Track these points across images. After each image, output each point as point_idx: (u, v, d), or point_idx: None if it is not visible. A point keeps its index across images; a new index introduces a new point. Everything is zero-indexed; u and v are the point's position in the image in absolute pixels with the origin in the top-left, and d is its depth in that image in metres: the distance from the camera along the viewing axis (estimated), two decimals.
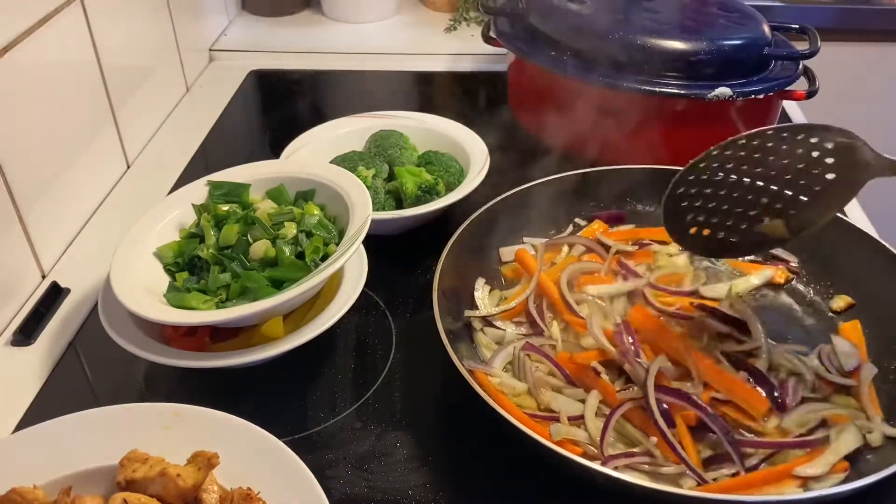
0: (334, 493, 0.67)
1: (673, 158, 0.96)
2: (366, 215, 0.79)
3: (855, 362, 0.77)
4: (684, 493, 0.62)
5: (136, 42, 1.16)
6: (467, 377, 0.68)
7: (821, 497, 0.63)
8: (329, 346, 0.84)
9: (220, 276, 0.77)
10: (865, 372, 0.76)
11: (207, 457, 0.59)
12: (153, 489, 0.58)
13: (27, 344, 0.83)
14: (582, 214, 0.97)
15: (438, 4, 1.65)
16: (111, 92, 1.06)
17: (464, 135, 1.05)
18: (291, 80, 1.41)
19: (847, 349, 0.79)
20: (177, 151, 1.18)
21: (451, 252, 0.82)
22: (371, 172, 0.97)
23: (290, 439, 0.72)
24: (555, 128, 1.14)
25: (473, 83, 1.42)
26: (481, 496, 0.69)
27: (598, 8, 1.07)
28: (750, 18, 1.08)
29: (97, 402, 0.73)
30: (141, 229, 0.81)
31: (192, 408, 0.65)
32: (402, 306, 0.89)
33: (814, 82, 1.06)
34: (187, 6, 1.34)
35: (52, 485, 0.59)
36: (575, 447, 0.69)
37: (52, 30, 0.91)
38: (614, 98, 1.01)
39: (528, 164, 1.06)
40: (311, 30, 1.59)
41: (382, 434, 0.74)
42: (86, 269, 0.92)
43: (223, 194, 0.85)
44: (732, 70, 1.01)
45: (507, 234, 0.92)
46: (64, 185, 0.95)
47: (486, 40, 1.18)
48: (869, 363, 0.77)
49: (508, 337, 0.81)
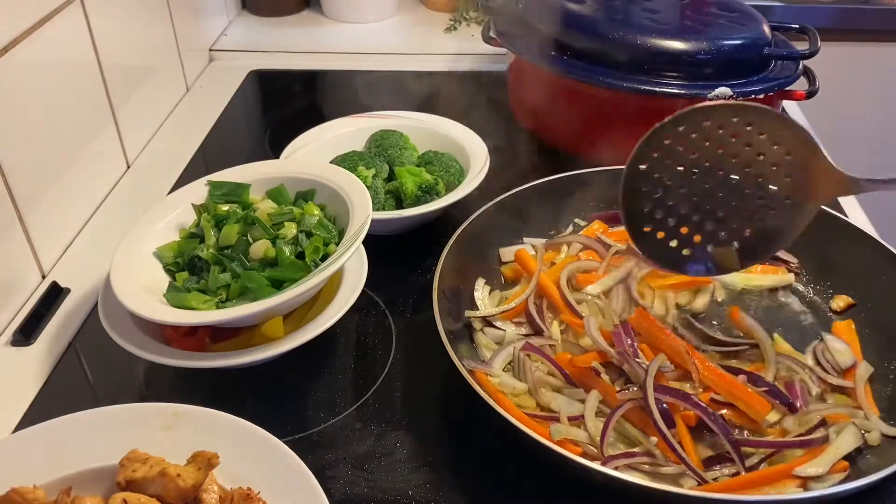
0: (334, 493, 0.67)
1: None
2: (366, 215, 0.79)
3: (849, 360, 0.78)
4: (684, 493, 0.62)
5: (136, 42, 1.16)
6: (467, 377, 0.68)
7: (821, 497, 0.63)
8: (329, 346, 0.84)
9: (220, 276, 0.77)
10: (860, 371, 0.76)
11: (207, 457, 0.59)
12: (153, 489, 0.58)
13: (27, 344, 0.83)
14: (582, 214, 0.97)
15: (438, 4, 1.65)
16: (111, 92, 1.06)
17: (464, 135, 1.05)
18: (291, 80, 1.41)
19: (839, 347, 0.79)
20: (177, 151, 1.18)
21: (451, 252, 0.82)
22: (371, 172, 0.97)
23: (290, 439, 0.72)
24: (554, 128, 1.14)
25: (473, 83, 1.41)
26: (481, 496, 0.69)
27: (598, 8, 1.07)
28: (750, 18, 1.08)
29: (97, 402, 0.73)
30: (141, 229, 0.81)
31: (192, 408, 0.65)
32: (402, 306, 0.89)
33: (814, 82, 1.06)
34: (187, 6, 1.34)
35: (52, 485, 0.59)
36: (575, 447, 0.69)
37: (52, 30, 0.91)
38: (614, 98, 1.01)
39: (528, 164, 1.06)
40: (311, 30, 1.59)
41: (382, 434, 0.74)
42: (86, 269, 0.92)
43: (223, 194, 0.85)
44: (732, 70, 1.01)
45: (507, 235, 0.92)
46: (64, 185, 0.95)
47: (486, 40, 1.18)
48: (864, 362, 0.77)
49: (508, 337, 0.81)
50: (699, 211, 0.73)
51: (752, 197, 0.72)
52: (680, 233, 0.74)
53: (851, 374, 0.77)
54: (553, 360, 0.77)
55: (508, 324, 0.83)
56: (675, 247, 0.74)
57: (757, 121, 0.69)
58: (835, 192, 0.71)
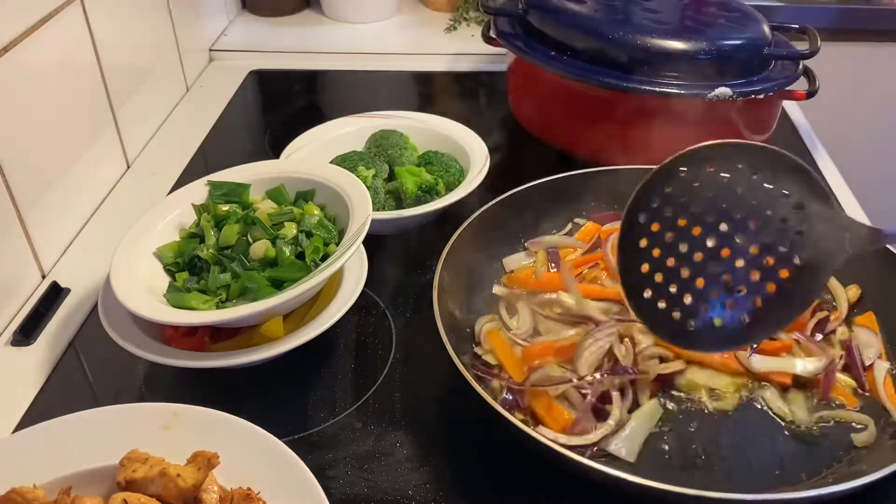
0: (334, 493, 0.67)
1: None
2: (366, 215, 0.79)
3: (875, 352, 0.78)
4: (684, 492, 0.62)
5: (136, 42, 1.16)
6: (467, 377, 0.68)
7: (820, 497, 0.63)
8: (329, 346, 0.84)
9: (220, 276, 0.77)
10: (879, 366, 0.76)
11: (207, 457, 0.59)
12: (153, 489, 0.58)
13: (27, 344, 0.83)
14: (582, 214, 0.97)
15: (438, 4, 1.65)
16: (111, 92, 1.06)
17: (464, 135, 1.05)
18: (291, 80, 1.41)
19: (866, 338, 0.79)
20: (177, 151, 1.18)
21: (451, 252, 0.82)
22: (371, 172, 0.97)
23: (290, 439, 0.72)
24: (554, 128, 1.14)
25: (473, 83, 1.41)
26: (481, 496, 0.69)
27: (598, 8, 1.07)
28: (750, 18, 1.08)
29: (97, 402, 0.73)
30: (141, 229, 0.81)
31: (192, 408, 0.65)
32: (402, 306, 0.89)
33: (814, 82, 1.06)
34: (187, 6, 1.34)
35: (52, 485, 0.59)
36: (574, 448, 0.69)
37: (52, 30, 0.91)
38: (614, 98, 1.01)
39: (527, 164, 1.06)
40: (311, 30, 1.59)
41: (382, 434, 0.74)
42: (86, 269, 0.92)
43: (223, 194, 0.85)
44: (732, 70, 1.01)
45: (507, 234, 0.92)
46: (64, 186, 0.95)
47: (486, 40, 1.18)
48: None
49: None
50: (703, 273, 0.66)
51: (761, 258, 0.65)
52: (683, 302, 0.67)
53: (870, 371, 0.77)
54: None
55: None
56: (678, 318, 0.67)
57: (760, 163, 0.63)
58: (856, 248, 0.62)
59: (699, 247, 0.66)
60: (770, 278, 0.65)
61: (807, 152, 1.19)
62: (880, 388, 0.75)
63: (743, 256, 0.65)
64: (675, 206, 0.66)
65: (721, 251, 0.66)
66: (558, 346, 0.78)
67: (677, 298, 0.67)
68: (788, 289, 0.64)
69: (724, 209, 0.65)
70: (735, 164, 0.64)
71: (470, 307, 0.84)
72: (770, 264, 0.65)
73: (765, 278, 0.65)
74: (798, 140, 1.22)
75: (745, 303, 0.66)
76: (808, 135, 1.24)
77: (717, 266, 0.66)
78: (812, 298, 0.66)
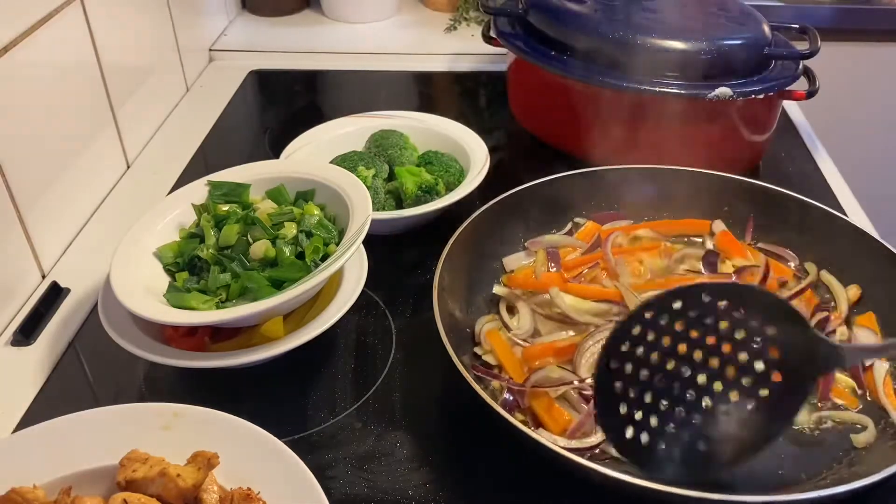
0: (334, 493, 0.67)
1: (673, 158, 0.96)
2: (366, 215, 0.79)
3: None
4: (684, 493, 0.62)
5: (136, 42, 1.16)
6: (467, 377, 0.68)
7: (820, 497, 0.63)
8: (329, 346, 0.84)
9: (220, 276, 0.76)
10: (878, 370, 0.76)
11: (207, 457, 0.59)
12: (153, 489, 0.58)
13: (27, 344, 0.83)
14: (582, 214, 0.97)
15: (438, 4, 1.65)
16: (111, 92, 1.06)
17: (464, 135, 1.05)
18: (291, 80, 1.41)
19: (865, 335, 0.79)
20: (177, 151, 1.18)
21: (451, 252, 0.82)
22: (371, 172, 0.97)
23: (290, 439, 0.72)
24: (554, 127, 1.14)
25: (473, 83, 1.41)
26: (481, 496, 0.69)
27: (598, 8, 1.07)
28: (750, 18, 1.08)
29: (97, 402, 0.73)
30: (141, 229, 0.81)
31: (192, 408, 0.65)
32: (402, 306, 0.89)
33: (814, 82, 1.06)
34: (187, 6, 1.34)
35: (52, 485, 0.59)
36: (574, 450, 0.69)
37: (52, 30, 0.91)
38: (614, 98, 1.01)
39: (528, 164, 1.06)
40: (311, 30, 1.59)
41: (382, 434, 0.74)
42: (86, 269, 0.92)
43: (223, 194, 0.85)
44: (732, 70, 1.01)
45: (507, 234, 0.92)
46: (64, 185, 0.95)
47: (486, 40, 1.18)
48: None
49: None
50: (681, 403, 0.65)
51: (737, 382, 0.64)
52: (666, 433, 0.65)
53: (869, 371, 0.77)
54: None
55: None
56: (665, 448, 0.65)
57: (734, 300, 0.64)
58: (828, 368, 0.65)
59: (673, 376, 0.65)
60: (750, 395, 0.65)
61: (807, 152, 1.19)
62: (880, 389, 0.75)
63: (720, 378, 0.65)
64: (645, 345, 0.65)
65: (696, 377, 0.65)
66: (558, 347, 0.78)
67: (659, 430, 0.65)
68: (766, 415, 0.64)
69: (695, 339, 0.65)
70: (700, 300, 0.64)
71: (470, 307, 0.84)
72: (747, 388, 0.65)
73: (744, 399, 0.65)
74: (798, 140, 1.22)
75: (728, 424, 0.65)
76: (808, 135, 1.24)
77: (694, 392, 0.65)
78: (788, 423, 0.66)
